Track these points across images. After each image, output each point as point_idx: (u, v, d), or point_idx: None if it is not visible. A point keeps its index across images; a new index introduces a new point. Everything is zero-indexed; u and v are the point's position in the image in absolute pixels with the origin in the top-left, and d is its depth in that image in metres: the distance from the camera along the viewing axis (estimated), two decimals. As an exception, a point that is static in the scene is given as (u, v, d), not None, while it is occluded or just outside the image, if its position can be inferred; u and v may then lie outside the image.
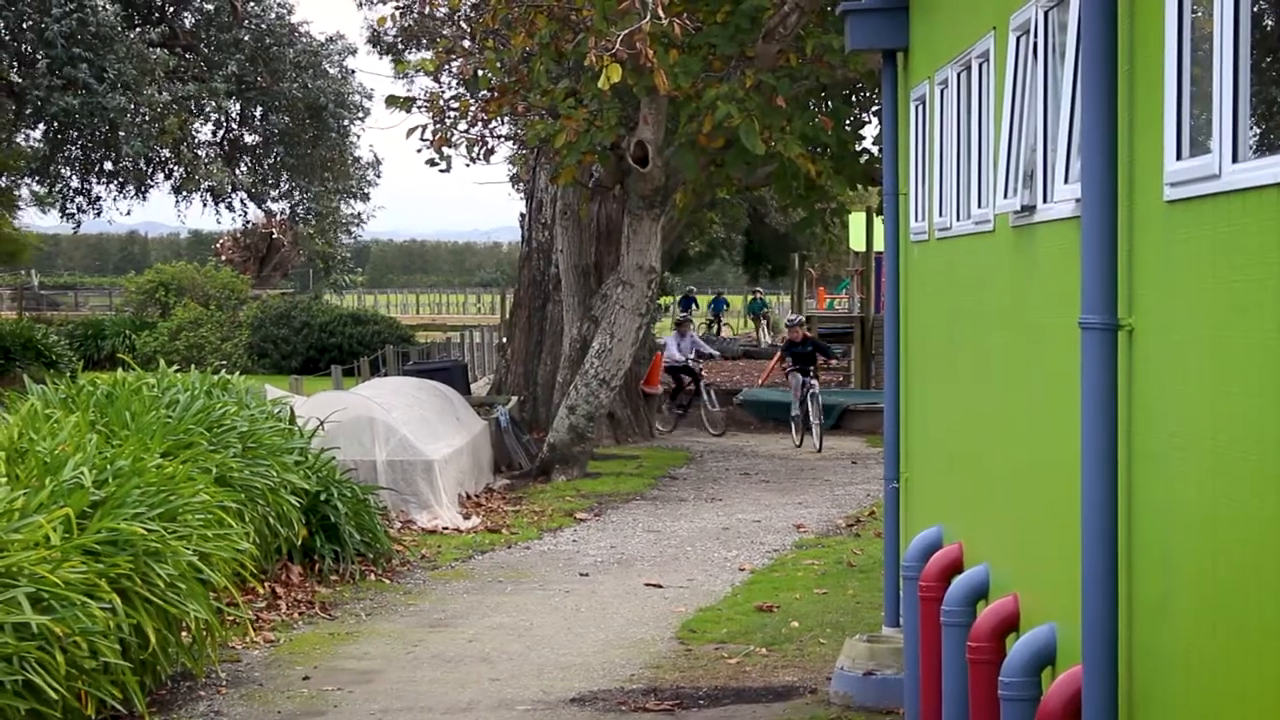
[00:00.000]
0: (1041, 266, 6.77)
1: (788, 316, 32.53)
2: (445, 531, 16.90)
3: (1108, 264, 5.46)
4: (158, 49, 36.75)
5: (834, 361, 26.52)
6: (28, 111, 35.62)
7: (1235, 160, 4.46)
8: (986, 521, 8.06)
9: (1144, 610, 5.40)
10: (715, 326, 56.62)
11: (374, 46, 35.18)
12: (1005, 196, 7.30)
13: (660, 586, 14.24)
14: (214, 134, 42.52)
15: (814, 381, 25.90)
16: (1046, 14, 6.71)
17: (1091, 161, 5.48)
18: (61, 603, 8.32)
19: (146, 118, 36.01)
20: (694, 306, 56.85)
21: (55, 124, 36.73)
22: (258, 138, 42.84)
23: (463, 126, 22.08)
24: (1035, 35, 6.82)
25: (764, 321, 55.89)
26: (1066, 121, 6.20)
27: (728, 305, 57.93)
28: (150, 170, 41.09)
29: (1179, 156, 4.92)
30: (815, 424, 25.37)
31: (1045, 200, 6.64)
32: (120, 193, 41.68)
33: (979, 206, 8.12)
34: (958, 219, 8.73)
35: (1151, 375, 5.30)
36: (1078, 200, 5.73)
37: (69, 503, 9.15)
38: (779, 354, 28.45)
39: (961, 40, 8.57)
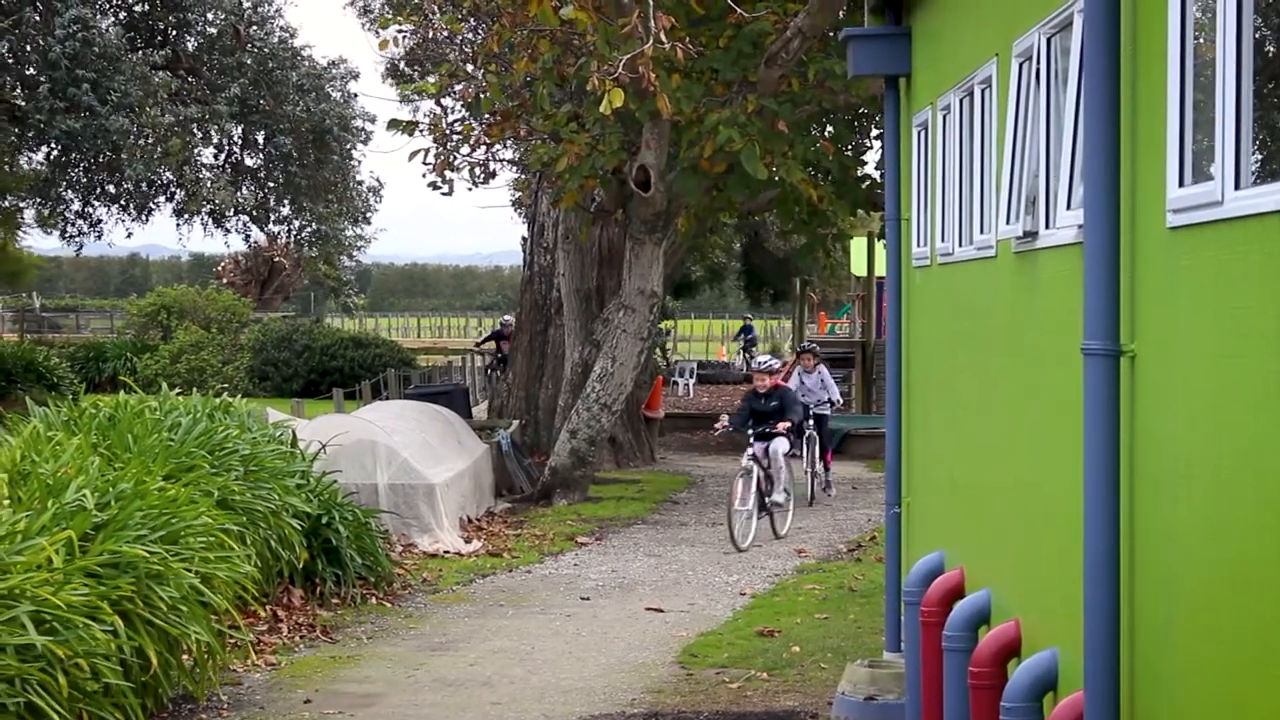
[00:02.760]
0: (1044, 292, 6.78)
1: (758, 358, 20.45)
2: (446, 555, 16.89)
3: (1110, 290, 5.47)
4: (160, 72, 36.83)
5: (805, 427, 20.47)
6: (30, 135, 35.66)
7: (1238, 187, 4.47)
8: (988, 546, 8.06)
9: (1146, 635, 5.40)
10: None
11: (392, 77, 35.21)
12: (1008, 222, 7.32)
13: (661, 611, 14.23)
14: (216, 156, 42.61)
15: (778, 447, 18.24)
16: (1049, 40, 6.73)
17: (1094, 188, 5.49)
18: (63, 625, 8.33)
19: (149, 140, 36.05)
20: (751, 334, 56.73)
21: (58, 147, 36.79)
22: (260, 160, 42.93)
23: (465, 150, 22.12)
24: (1038, 61, 6.84)
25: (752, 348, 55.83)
26: (1069, 147, 6.22)
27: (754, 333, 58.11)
28: (152, 193, 41.16)
29: (1181, 183, 4.94)
30: (769, 512, 18.25)
31: (1048, 226, 6.66)
32: (122, 215, 41.75)
33: (981, 232, 8.14)
34: (960, 245, 8.74)
35: (1154, 401, 5.31)
36: (1080, 226, 5.74)
37: (71, 525, 9.16)
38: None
39: (964, 66, 8.59)
